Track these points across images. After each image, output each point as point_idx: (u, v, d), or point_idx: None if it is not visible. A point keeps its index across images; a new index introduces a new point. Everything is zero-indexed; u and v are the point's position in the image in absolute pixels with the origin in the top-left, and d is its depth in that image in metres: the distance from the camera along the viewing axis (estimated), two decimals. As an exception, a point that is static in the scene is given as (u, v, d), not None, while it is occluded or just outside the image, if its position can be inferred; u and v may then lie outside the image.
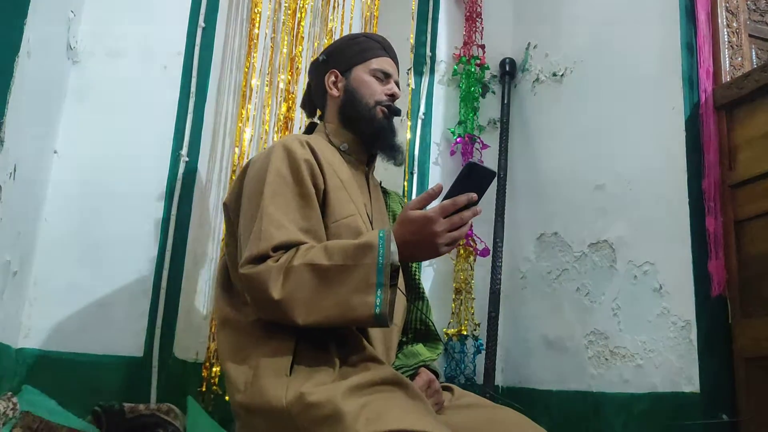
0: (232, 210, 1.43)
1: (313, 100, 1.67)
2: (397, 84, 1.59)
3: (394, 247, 1.20)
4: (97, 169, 1.89)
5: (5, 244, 1.58)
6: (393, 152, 1.57)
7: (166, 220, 1.92)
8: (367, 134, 1.54)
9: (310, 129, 1.63)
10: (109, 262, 1.85)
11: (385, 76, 1.57)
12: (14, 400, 1.51)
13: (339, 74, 1.57)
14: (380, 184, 1.68)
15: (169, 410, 1.69)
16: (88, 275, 1.83)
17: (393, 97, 1.56)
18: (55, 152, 1.87)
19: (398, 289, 1.27)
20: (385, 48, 1.60)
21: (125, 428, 1.62)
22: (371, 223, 1.47)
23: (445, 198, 1.21)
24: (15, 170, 1.57)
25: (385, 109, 1.54)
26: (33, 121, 1.68)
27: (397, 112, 1.57)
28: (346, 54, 1.59)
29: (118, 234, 1.87)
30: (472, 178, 1.20)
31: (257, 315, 1.28)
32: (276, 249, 1.24)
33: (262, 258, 1.23)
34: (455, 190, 1.20)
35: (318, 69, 1.62)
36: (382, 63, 1.58)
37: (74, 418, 1.64)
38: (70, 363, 1.76)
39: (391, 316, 1.21)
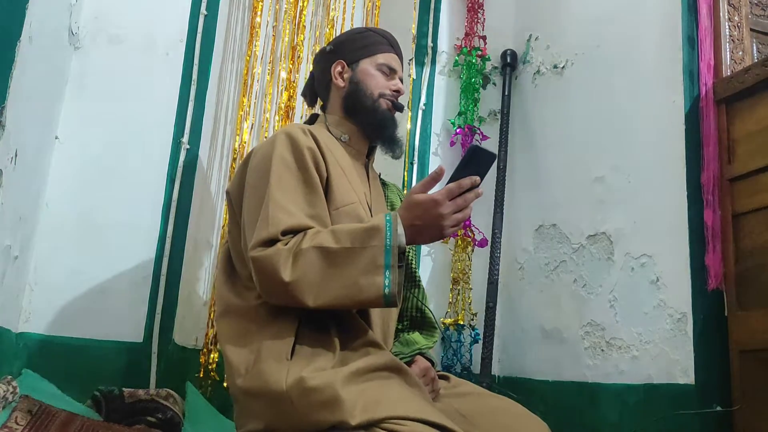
0: (235, 198, 1.43)
1: (315, 90, 1.67)
2: (401, 80, 1.61)
3: (401, 230, 1.22)
4: (98, 155, 1.89)
5: (6, 228, 1.58)
6: (392, 144, 1.58)
7: (166, 207, 1.92)
8: (370, 125, 1.55)
9: (312, 120, 1.64)
10: (109, 247, 1.85)
11: (390, 72, 1.58)
12: (14, 383, 1.52)
13: (346, 65, 1.58)
14: (380, 175, 1.69)
15: (168, 395, 1.70)
16: (88, 260, 1.83)
17: (397, 93, 1.58)
18: (57, 138, 1.87)
19: None
20: (391, 44, 1.62)
21: (124, 413, 1.63)
22: (371, 212, 1.48)
23: (450, 181, 1.24)
24: (16, 155, 1.57)
25: (389, 102, 1.56)
26: (34, 107, 1.68)
27: (400, 108, 1.58)
28: (354, 46, 1.60)
29: (119, 220, 1.87)
30: (475, 162, 1.24)
31: (264, 299, 1.29)
32: (285, 233, 1.25)
33: (271, 241, 1.24)
34: (459, 173, 1.24)
35: (324, 59, 1.63)
36: (388, 58, 1.59)
37: (74, 403, 1.65)
38: (71, 348, 1.77)
39: (400, 296, 1.23)
